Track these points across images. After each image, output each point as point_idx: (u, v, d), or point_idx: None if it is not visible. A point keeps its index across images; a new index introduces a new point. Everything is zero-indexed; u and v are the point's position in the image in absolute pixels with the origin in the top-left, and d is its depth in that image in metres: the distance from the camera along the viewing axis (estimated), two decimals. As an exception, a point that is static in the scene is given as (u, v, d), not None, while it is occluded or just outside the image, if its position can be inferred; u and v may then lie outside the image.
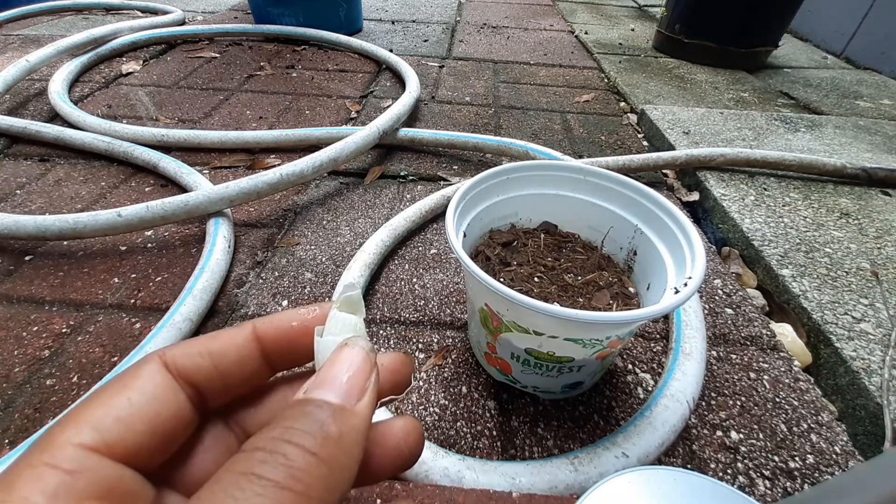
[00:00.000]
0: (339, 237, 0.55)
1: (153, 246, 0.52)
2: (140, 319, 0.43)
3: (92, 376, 0.38)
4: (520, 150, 0.67)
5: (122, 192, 0.61)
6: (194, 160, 0.67)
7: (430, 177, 0.67)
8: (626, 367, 0.41)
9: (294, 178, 0.56)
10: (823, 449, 0.35)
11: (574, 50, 1.25)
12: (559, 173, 0.40)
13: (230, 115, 0.81)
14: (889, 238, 0.55)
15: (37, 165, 0.66)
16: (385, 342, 0.42)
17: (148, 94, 0.88)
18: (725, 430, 0.36)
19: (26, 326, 0.42)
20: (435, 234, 0.56)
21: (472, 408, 0.37)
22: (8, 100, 0.83)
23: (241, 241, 0.53)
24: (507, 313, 0.30)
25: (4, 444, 0.33)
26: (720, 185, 0.65)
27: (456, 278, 0.49)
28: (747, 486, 0.33)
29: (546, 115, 0.87)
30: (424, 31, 1.34)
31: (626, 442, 0.32)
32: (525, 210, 0.41)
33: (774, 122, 0.84)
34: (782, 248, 0.53)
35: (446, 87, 0.97)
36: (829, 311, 0.45)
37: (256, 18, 1.23)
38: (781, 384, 0.40)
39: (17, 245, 0.51)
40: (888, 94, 1.02)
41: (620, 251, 0.39)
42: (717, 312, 0.47)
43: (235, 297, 0.46)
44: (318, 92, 0.92)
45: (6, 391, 0.37)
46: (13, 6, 1.24)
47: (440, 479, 0.30)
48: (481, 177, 0.37)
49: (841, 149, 0.75)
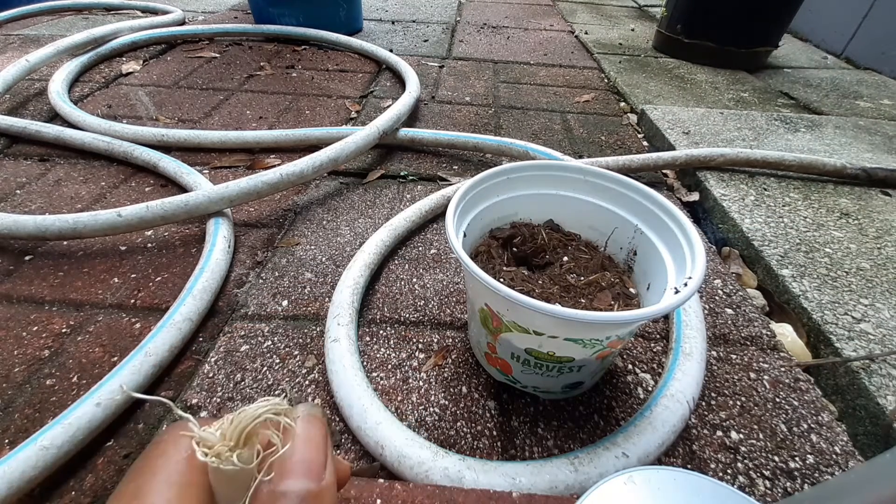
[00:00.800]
0: (339, 237, 0.55)
1: (153, 246, 0.52)
2: (140, 319, 0.43)
3: (92, 376, 0.38)
4: (520, 150, 0.67)
5: (122, 192, 0.61)
6: (194, 160, 0.67)
7: (430, 177, 0.67)
8: (626, 367, 0.41)
9: (294, 178, 0.56)
10: (823, 449, 0.35)
11: (574, 50, 1.25)
12: (559, 173, 0.40)
13: (230, 115, 0.81)
14: (889, 238, 0.55)
15: (37, 165, 0.66)
16: (385, 342, 0.42)
17: (148, 94, 0.88)
18: (725, 431, 0.36)
19: (26, 326, 0.42)
20: (435, 234, 0.56)
21: (472, 408, 0.37)
22: (8, 100, 0.83)
23: (241, 241, 0.53)
24: (508, 313, 0.30)
25: (4, 445, 0.33)
26: (720, 186, 0.65)
27: (456, 278, 0.49)
28: (747, 486, 0.33)
29: (546, 115, 0.87)
30: (424, 31, 1.34)
31: (626, 442, 0.32)
32: (525, 210, 0.41)
33: (774, 122, 0.84)
34: (782, 248, 0.53)
35: (446, 87, 0.97)
36: (829, 311, 0.45)
37: (256, 18, 1.23)
38: (781, 384, 0.40)
39: (17, 245, 0.51)
40: (888, 94, 1.02)
41: (620, 251, 0.39)
42: (717, 312, 0.47)
43: (235, 297, 0.46)
44: (318, 92, 0.92)
45: (6, 391, 0.37)
46: (13, 6, 1.24)
47: (440, 479, 0.30)
48: (481, 177, 0.37)
49: (841, 149, 0.75)
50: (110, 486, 0.32)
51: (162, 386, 0.38)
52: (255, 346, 0.41)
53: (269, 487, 0.14)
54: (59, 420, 0.32)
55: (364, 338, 0.42)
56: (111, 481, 0.32)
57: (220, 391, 0.37)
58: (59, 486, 0.31)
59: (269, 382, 0.38)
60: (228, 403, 0.36)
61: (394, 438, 0.32)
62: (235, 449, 0.15)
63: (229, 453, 0.14)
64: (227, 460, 0.14)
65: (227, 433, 0.15)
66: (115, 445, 0.34)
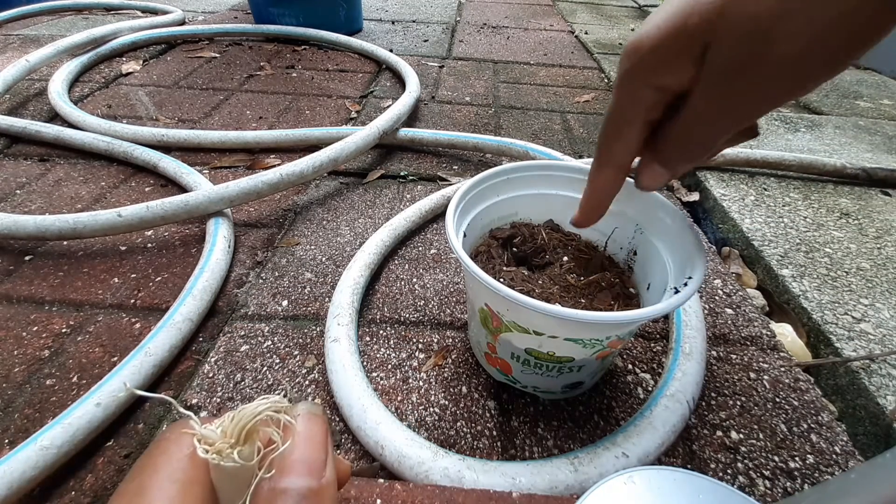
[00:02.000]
0: (339, 237, 0.55)
1: (153, 246, 0.52)
2: (140, 319, 0.43)
3: (92, 376, 0.38)
4: (520, 150, 0.67)
5: (122, 192, 0.61)
6: (194, 160, 0.67)
7: (430, 177, 0.67)
8: (626, 367, 0.41)
9: (294, 178, 0.56)
10: (823, 449, 0.35)
11: (574, 50, 1.25)
12: (559, 173, 0.40)
13: (230, 115, 0.81)
14: (889, 238, 0.55)
15: (36, 165, 0.66)
16: (385, 342, 0.42)
17: (148, 94, 0.88)
18: (725, 430, 0.36)
19: (26, 326, 0.42)
20: (435, 234, 0.56)
21: (472, 408, 0.37)
22: (8, 100, 0.83)
23: (241, 241, 0.53)
24: (508, 313, 0.30)
25: (4, 445, 0.33)
26: (720, 185, 0.65)
27: (456, 278, 0.49)
28: (747, 486, 0.33)
29: (546, 115, 0.87)
30: (424, 31, 1.34)
31: (626, 442, 0.32)
32: (525, 210, 0.41)
33: (774, 122, 0.84)
34: (782, 248, 0.53)
35: (446, 87, 0.97)
36: (829, 311, 0.45)
37: (256, 18, 1.23)
38: (781, 384, 0.40)
39: (16, 245, 0.51)
40: (888, 94, 1.02)
41: (620, 251, 0.39)
42: (717, 312, 0.47)
43: (235, 297, 0.46)
44: (318, 92, 0.92)
45: (6, 391, 0.37)
46: (13, 6, 1.24)
47: (440, 479, 0.30)
48: (481, 177, 0.37)
49: (841, 149, 0.75)
50: (110, 486, 0.32)
51: (162, 386, 0.38)
52: (255, 346, 0.41)
53: (269, 484, 0.14)
54: (59, 420, 0.32)
55: (364, 338, 0.42)
56: (111, 481, 0.32)
57: (220, 391, 0.37)
58: (58, 486, 0.31)
59: (269, 382, 0.38)
60: (228, 403, 0.36)
61: (394, 438, 0.32)
62: (236, 446, 0.15)
63: (230, 450, 0.15)
64: (227, 457, 0.14)
65: (227, 431, 0.15)
66: (115, 445, 0.34)
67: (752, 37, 0.17)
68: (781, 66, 0.17)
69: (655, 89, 0.21)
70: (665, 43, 0.20)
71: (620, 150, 0.25)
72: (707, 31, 0.18)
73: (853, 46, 0.16)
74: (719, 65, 0.18)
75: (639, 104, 0.22)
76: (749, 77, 0.18)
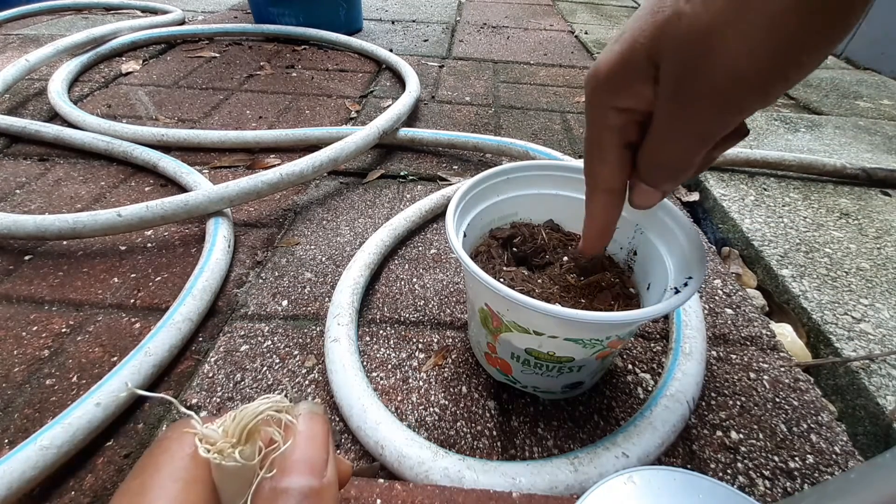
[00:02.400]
0: (339, 237, 0.55)
1: (153, 246, 0.52)
2: (140, 319, 0.43)
3: (92, 376, 0.38)
4: (520, 150, 0.67)
5: (122, 192, 0.61)
6: (194, 160, 0.67)
7: (430, 177, 0.67)
8: (626, 367, 0.41)
9: (294, 178, 0.56)
10: (823, 449, 0.35)
11: (574, 50, 1.25)
12: (559, 173, 0.39)
13: (230, 115, 0.81)
14: (889, 238, 0.55)
15: (36, 165, 0.66)
16: (385, 342, 0.42)
17: (148, 94, 0.88)
18: (725, 430, 0.36)
19: (26, 326, 0.42)
20: (435, 234, 0.56)
21: (472, 408, 0.37)
22: (7, 99, 0.83)
23: (241, 240, 0.53)
24: (508, 313, 0.30)
25: (4, 445, 0.33)
26: (720, 185, 0.65)
27: (456, 278, 0.49)
28: (747, 486, 0.33)
29: (546, 115, 0.87)
30: (424, 30, 1.34)
31: (626, 442, 0.32)
32: (525, 210, 0.41)
33: (774, 122, 0.84)
34: (782, 248, 0.53)
35: (446, 87, 0.97)
36: (829, 311, 0.45)
37: (256, 18, 1.23)
38: (781, 384, 0.40)
39: (16, 245, 0.51)
40: (888, 94, 1.02)
41: (620, 251, 0.39)
42: (717, 312, 0.47)
43: (235, 296, 0.46)
44: (317, 92, 0.92)
45: (6, 391, 0.37)
46: (13, 6, 1.24)
47: (440, 479, 0.30)
48: (481, 177, 0.37)
49: (841, 149, 0.75)
50: (110, 485, 0.32)
51: (162, 386, 0.38)
52: (254, 346, 0.41)
53: (271, 484, 0.14)
54: (59, 420, 0.32)
55: (364, 338, 0.42)
56: (111, 481, 0.32)
57: (220, 391, 0.37)
58: (58, 486, 0.31)
59: (268, 382, 0.38)
60: (228, 403, 0.36)
61: (394, 438, 0.32)
62: (237, 445, 0.15)
63: (231, 450, 0.15)
64: (229, 457, 0.14)
65: (229, 430, 0.15)
66: (115, 445, 0.34)
67: (693, 51, 0.17)
68: (728, 76, 0.17)
69: (619, 112, 0.22)
70: (618, 67, 0.20)
71: (604, 173, 0.25)
72: (653, 51, 0.18)
73: (796, 50, 0.16)
74: (670, 83, 0.19)
75: (608, 128, 0.23)
76: (700, 91, 0.18)
